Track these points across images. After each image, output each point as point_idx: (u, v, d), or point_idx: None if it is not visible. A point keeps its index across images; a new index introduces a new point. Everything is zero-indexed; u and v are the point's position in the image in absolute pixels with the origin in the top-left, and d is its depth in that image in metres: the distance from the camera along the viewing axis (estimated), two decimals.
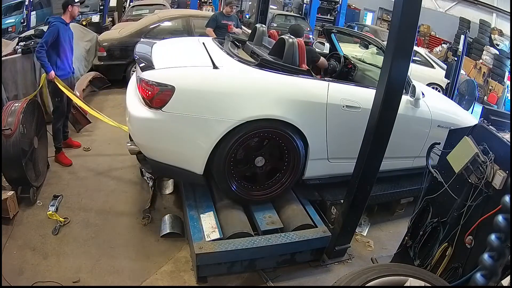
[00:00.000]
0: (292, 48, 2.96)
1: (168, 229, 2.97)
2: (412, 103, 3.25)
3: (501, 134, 2.06)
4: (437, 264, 2.27)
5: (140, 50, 3.10)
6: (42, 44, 3.45)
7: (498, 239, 0.79)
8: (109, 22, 10.07)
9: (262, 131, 2.71)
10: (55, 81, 3.57)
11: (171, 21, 6.64)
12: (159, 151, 2.74)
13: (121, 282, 2.53)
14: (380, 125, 2.37)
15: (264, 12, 5.16)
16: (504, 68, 11.06)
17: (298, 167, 2.90)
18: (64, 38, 3.64)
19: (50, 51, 3.54)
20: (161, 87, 2.54)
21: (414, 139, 3.43)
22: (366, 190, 2.61)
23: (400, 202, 3.58)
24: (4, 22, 9.26)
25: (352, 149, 2.63)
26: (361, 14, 19.27)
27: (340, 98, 2.92)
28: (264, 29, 3.76)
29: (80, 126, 4.55)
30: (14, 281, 2.39)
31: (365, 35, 4.39)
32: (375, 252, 3.12)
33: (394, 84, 2.30)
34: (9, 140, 2.91)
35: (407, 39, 2.23)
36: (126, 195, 3.49)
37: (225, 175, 2.74)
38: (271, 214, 2.93)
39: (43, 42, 3.47)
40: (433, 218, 2.37)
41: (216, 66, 2.69)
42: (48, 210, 3.04)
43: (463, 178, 2.12)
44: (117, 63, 6.24)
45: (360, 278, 1.73)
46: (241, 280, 2.68)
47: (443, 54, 12.83)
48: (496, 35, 12.63)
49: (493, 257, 0.79)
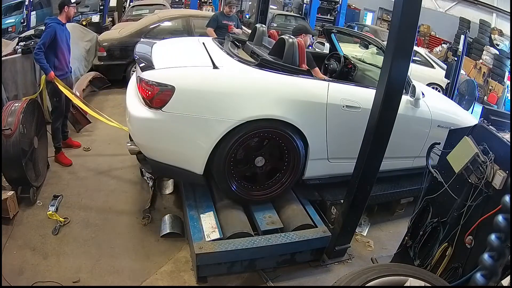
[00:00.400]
0: (292, 48, 2.96)
1: (168, 229, 2.97)
2: (412, 103, 3.25)
3: (501, 134, 2.06)
4: (437, 264, 2.27)
5: (140, 50, 3.10)
6: (40, 46, 3.46)
7: (498, 239, 0.79)
8: (109, 22, 10.07)
9: (262, 131, 2.71)
10: (54, 81, 3.57)
11: (171, 21, 6.64)
12: (159, 151, 2.74)
13: (121, 282, 2.53)
14: (380, 125, 2.37)
15: (264, 12, 5.16)
16: (504, 68, 11.06)
17: (298, 167, 2.90)
18: (61, 39, 3.64)
19: (48, 52, 3.54)
20: (161, 87, 2.54)
21: (414, 139, 3.43)
22: (366, 190, 2.61)
23: (400, 202, 3.58)
24: (4, 22, 9.26)
25: (352, 149, 2.63)
26: (361, 14, 19.26)
27: (340, 98, 2.92)
28: (264, 29, 3.76)
29: (80, 126, 4.55)
30: (14, 281, 2.39)
31: (365, 35, 4.39)
32: (375, 252, 3.12)
33: (394, 84, 2.30)
34: (9, 140, 2.91)
35: (407, 39, 2.23)
36: (126, 195, 3.49)
37: (225, 175, 2.74)
38: (271, 214, 2.93)
39: (40, 44, 3.47)
40: (433, 218, 2.37)
41: (216, 66, 2.69)
42: (48, 210, 3.05)
43: (463, 178, 2.12)
44: (117, 63, 6.24)
45: (360, 278, 1.73)
46: (241, 280, 2.68)
47: (443, 54, 12.83)
48: (496, 35, 12.62)
49: (493, 257, 0.79)
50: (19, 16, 10.03)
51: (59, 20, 3.63)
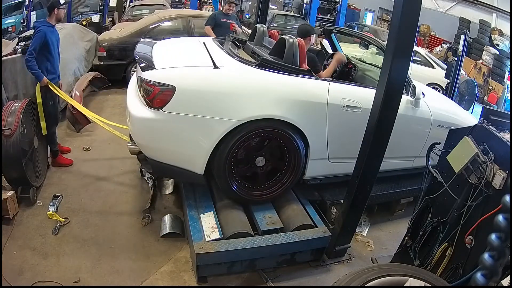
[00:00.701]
0: (292, 48, 2.96)
1: (168, 229, 2.97)
2: (413, 103, 3.25)
3: (501, 134, 2.06)
4: (437, 264, 2.27)
5: (140, 50, 3.10)
6: (31, 51, 3.33)
7: (499, 239, 0.79)
8: (109, 22, 10.07)
9: (263, 131, 2.71)
10: (48, 85, 3.47)
11: (171, 21, 6.64)
12: (160, 151, 2.74)
13: (121, 282, 2.53)
14: (380, 125, 2.37)
15: (264, 12, 5.15)
16: (504, 68, 11.06)
17: (298, 167, 2.90)
18: (52, 42, 3.52)
19: (40, 56, 3.43)
20: (161, 87, 2.54)
21: (414, 139, 3.43)
22: (366, 190, 2.61)
23: (400, 202, 3.58)
24: (4, 22, 9.25)
25: (353, 149, 2.63)
26: (361, 14, 19.26)
27: (341, 98, 2.92)
28: (265, 29, 3.76)
29: (80, 126, 4.55)
30: (14, 281, 2.39)
31: (365, 35, 4.39)
32: (375, 252, 3.12)
33: (394, 84, 2.30)
34: (9, 140, 2.91)
35: (407, 39, 2.23)
36: (126, 195, 3.49)
37: (225, 175, 2.74)
38: (271, 214, 2.93)
39: (31, 49, 3.34)
40: (433, 218, 2.37)
41: (216, 66, 2.70)
42: (48, 210, 3.04)
43: (463, 178, 2.12)
44: (117, 63, 6.24)
45: (360, 278, 1.73)
46: (241, 280, 2.68)
47: (443, 54, 12.82)
48: (496, 35, 12.62)
49: (494, 257, 0.79)
50: (19, 16, 10.02)
51: (48, 22, 3.53)
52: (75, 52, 5.70)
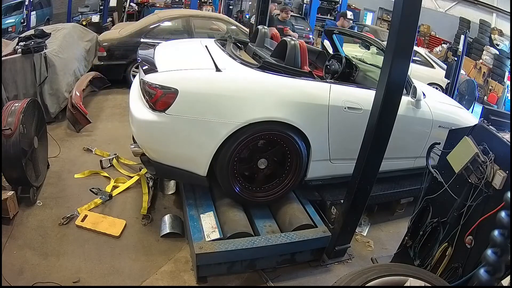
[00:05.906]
0: (294, 50, 2.97)
1: (168, 229, 2.97)
2: (413, 103, 3.25)
3: (501, 134, 2.06)
4: (437, 264, 2.27)
5: (143, 52, 3.10)
6: None
7: (502, 235, 0.79)
8: (109, 22, 10.06)
9: (265, 133, 2.72)
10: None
11: (171, 21, 6.63)
12: (163, 153, 2.75)
13: (121, 282, 2.53)
14: (380, 126, 2.37)
15: (264, 12, 5.16)
16: (504, 68, 11.06)
17: (300, 169, 2.91)
18: None
19: None
20: (164, 90, 2.55)
21: (415, 140, 3.44)
22: (366, 190, 2.61)
23: (400, 202, 3.58)
24: (4, 22, 9.24)
25: (354, 150, 2.62)
26: (361, 14, 19.24)
27: (342, 100, 2.92)
28: (266, 31, 3.77)
29: (80, 126, 4.55)
30: (14, 281, 2.39)
31: (366, 36, 4.38)
32: (375, 252, 3.12)
33: (394, 84, 2.29)
34: (9, 140, 2.91)
35: (407, 39, 2.23)
36: (126, 195, 3.49)
37: (228, 177, 2.75)
38: (271, 223, 2.92)
39: None
40: (433, 218, 2.37)
41: (218, 68, 2.70)
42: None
43: (463, 178, 2.12)
44: (117, 63, 6.23)
45: (360, 278, 1.73)
46: (241, 280, 2.68)
47: (443, 54, 12.81)
48: (496, 35, 12.61)
49: (497, 253, 0.79)
50: (19, 16, 10.01)
51: None
52: (75, 52, 5.70)
